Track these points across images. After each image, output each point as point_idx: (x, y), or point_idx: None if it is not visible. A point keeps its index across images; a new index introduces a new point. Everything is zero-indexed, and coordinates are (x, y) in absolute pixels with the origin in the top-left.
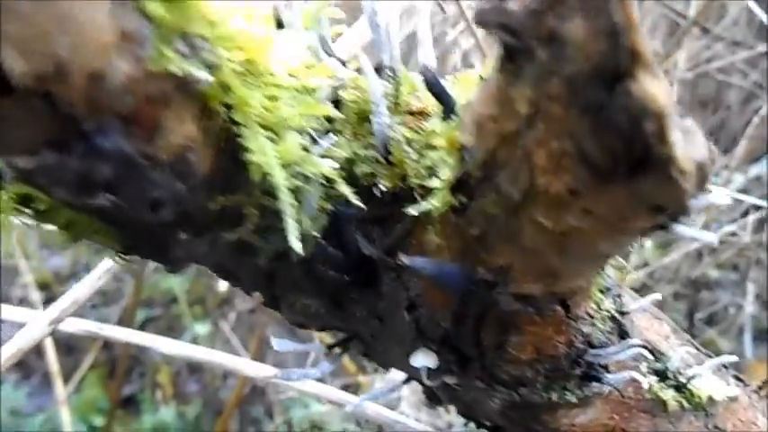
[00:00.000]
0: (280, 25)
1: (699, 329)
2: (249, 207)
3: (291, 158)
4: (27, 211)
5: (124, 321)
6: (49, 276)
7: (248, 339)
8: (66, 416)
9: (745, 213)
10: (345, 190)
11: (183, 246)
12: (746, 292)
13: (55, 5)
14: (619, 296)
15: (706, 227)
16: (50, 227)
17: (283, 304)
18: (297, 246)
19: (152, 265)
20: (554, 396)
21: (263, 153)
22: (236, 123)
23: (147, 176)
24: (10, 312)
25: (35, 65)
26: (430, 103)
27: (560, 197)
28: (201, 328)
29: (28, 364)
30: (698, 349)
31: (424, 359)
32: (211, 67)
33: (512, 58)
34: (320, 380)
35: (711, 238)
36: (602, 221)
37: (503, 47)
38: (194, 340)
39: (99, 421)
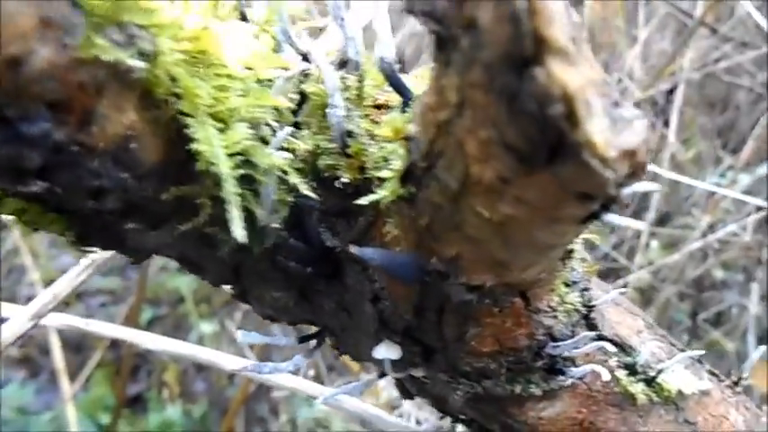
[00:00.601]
0: (243, 18)
1: (703, 330)
2: (203, 198)
3: (243, 148)
4: None
5: (129, 320)
6: (56, 275)
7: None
8: (72, 414)
9: (756, 210)
10: (297, 180)
11: (137, 237)
12: (751, 293)
13: None
14: (586, 290)
15: (712, 227)
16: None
17: (252, 297)
18: (239, 233)
19: (157, 264)
20: (518, 388)
21: (209, 143)
22: (184, 114)
23: (83, 165)
24: None
25: None
26: (395, 97)
27: (493, 185)
28: (208, 327)
29: (35, 363)
30: (673, 345)
31: (386, 351)
32: (149, 56)
33: (441, 47)
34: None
35: (640, 225)
36: (534, 209)
37: (433, 36)
38: (200, 339)
39: (106, 419)
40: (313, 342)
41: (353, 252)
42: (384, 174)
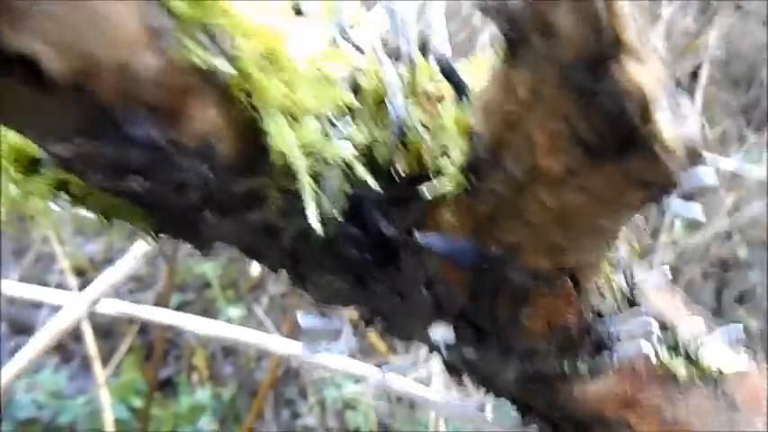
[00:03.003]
0: (299, 13)
1: (728, 308)
2: (271, 189)
3: (310, 142)
4: (64, 196)
5: (159, 306)
6: (84, 262)
7: (281, 322)
8: (106, 398)
9: None
10: (362, 172)
11: (210, 226)
12: None
13: (87, 6)
14: (629, 270)
15: (736, 206)
16: (85, 211)
17: (308, 282)
18: (317, 226)
19: (185, 250)
20: (566, 367)
21: (283, 137)
22: (257, 109)
23: (174, 161)
24: (48, 295)
25: (69, 62)
26: (445, 89)
27: (559, 176)
28: (235, 312)
29: (67, 349)
30: (710, 322)
31: (442, 333)
32: (231, 57)
33: (512, 46)
34: (350, 356)
35: (698, 213)
36: (597, 197)
37: (503, 35)
38: (228, 323)
39: (138, 403)
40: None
41: (417, 239)
42: (444, 164)
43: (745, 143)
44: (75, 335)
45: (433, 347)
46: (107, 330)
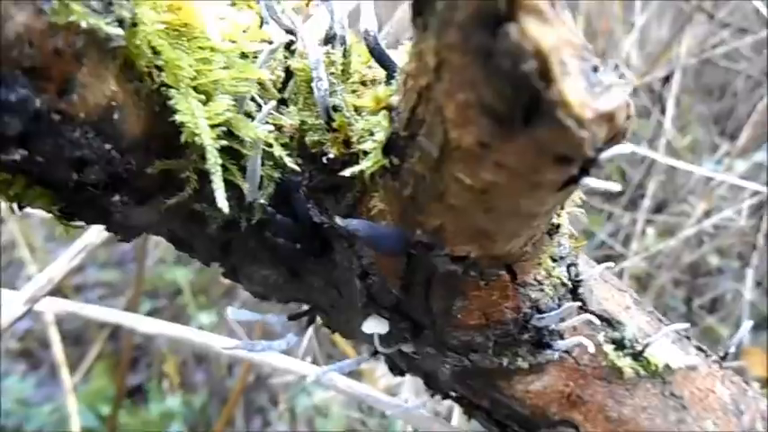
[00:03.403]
0: None
1: (698, 316)
2: (189, 172)
3: (222, 120)
4: None
5: (128, 312)
6: None
7: (252, 328)
8: (73, 405)
9: (750, 196)
10: (282, 153)
11: (123, 212)
12: (746, 279)
13: None
14: (573, 265)
15: (708, 214)
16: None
17: (242, 275)
18: (224, 205)
19: (155, 256)
20: (505, 361)
21: (192, 114)
22: (167, 86)
23: (64, 134)
24: None
25: None
26: (382, 73)
27: (472, 151)
28: (206, 318)
29: (35, 356)
30: (660, 320)
31: (375, 326)
32: (128, 24)
33: (418, 12)
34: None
35: (616, 187)
36: (514, 175)
37: (410, 1)
38: (200, 329)
39: (107, 410)
40: (304, 321)
41: (339, 224)
42: (368, 146)
43: (717, 151)
44: (44, 342)
45: (376, 349)
46: (76, 337)
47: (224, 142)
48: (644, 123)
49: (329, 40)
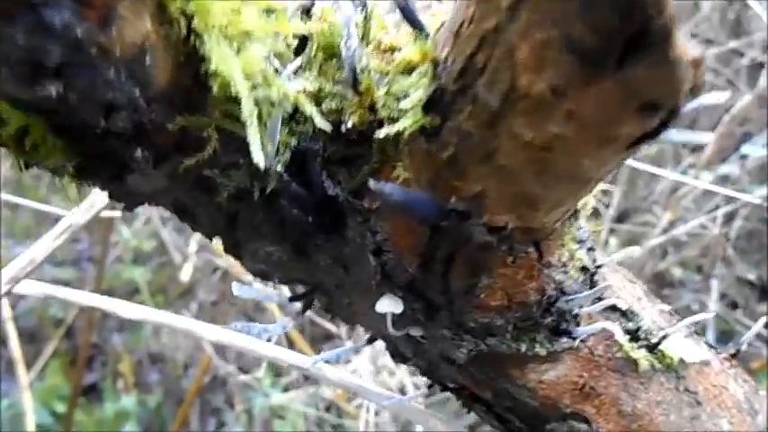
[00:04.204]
0: None
1: None
2: (210, 130)
3: (256, 71)
4: None
5: (85, 310)
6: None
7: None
8: (29, 402)
9: (715, 208)
10: (312, 111)
11: (139, 175)
12: (711, 291)
13: None
14: (592, 249)
15: (673, 224)
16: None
17: (245, 251)
18: (259, 158)
19: (114, 254)
20: (523, 347)
21: (225, 62)
22: (197, 34)
23: (99, 71)
24: None
25: None
26: (401, 40)
27: (543, 98)
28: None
29: None
30: (670, 313)
31: (389, 305)
32: None
33: None
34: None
35: (706, 138)
36: (587, 127)
37: None
38: (156, 329)
39: (61, 408)
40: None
41: (372, 186)
42: (403, 104)
43: (680, 163)
44: (1, 339)
45: (376, 331)
46: (32, 334)
47: (258, 93)
48: None
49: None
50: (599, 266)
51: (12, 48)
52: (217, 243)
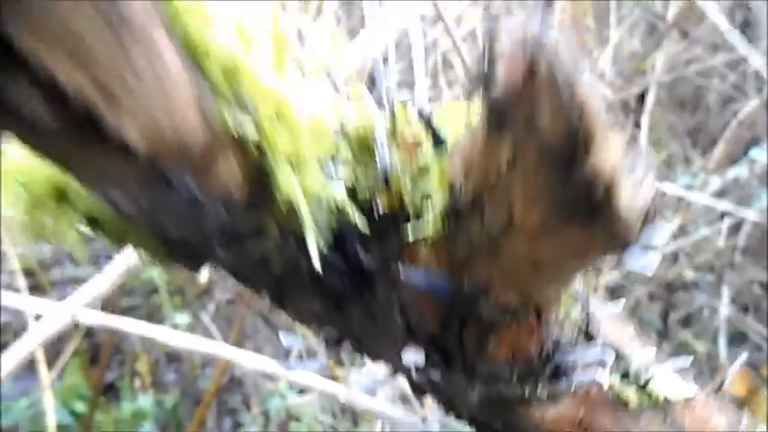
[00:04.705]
0: (300, 69)
1: (674, 331)
2: (272, 226)
3: (313, 190)
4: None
5: (106, 310)
6: (34, 265)
7: (227, 330)
8: (50, 401)
9: (722, 216)
10: (353, 214)
11: (214, 257)
12: (722, 295)
13: (162, 90)
14: (587, 302)
15: (683, 229)
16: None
17: (289, 304)
18: (317, 264)
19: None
20: (526, 392)
21: (290, 185)
22: (265, 158)
23: (203, 207)
24: (34, 305)
25: (151, 142)
26: (422, 134)
27: (531, 233)
28: (181, 318)
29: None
30: (660, 353)
31: (413, 355)
32: (253, 117)
33: (496, 122)
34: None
35: (650, 270)
36: (564, 252)
37: (488, 112)
38: (174, 329)
39: (81, 408)
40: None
41: (399, 273)
42: (425, 208)
43: (691, 165)
44: (20, 336)
45: (398, 369)
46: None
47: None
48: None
49: (378, 102)
50: (590, 317)
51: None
52: (263, 296)
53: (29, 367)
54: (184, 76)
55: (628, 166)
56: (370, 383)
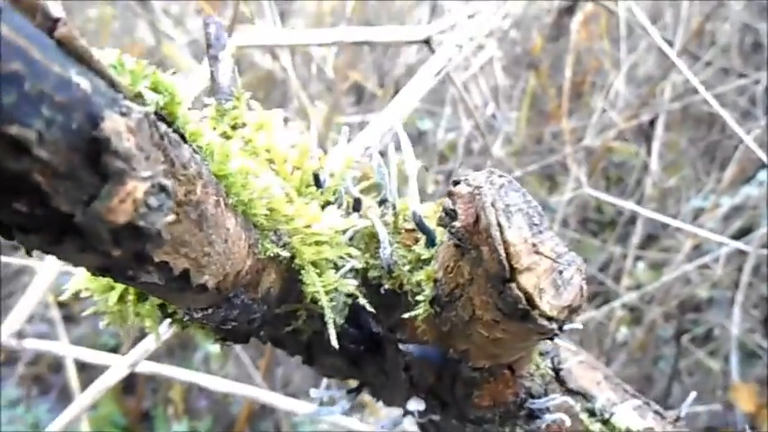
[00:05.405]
0: (317, 181)
1: (687, 350)
2: (301, 310)
3: (331, 286)
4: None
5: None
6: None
7: (257, 358)
8: (85, 430)
9: (735, 236)
10: (363, 301)
11: (256, 336)
12: (733, 315)
13: (227, 249)
14: (556, 356)
15: (697, 247)
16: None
17: (316, 362)
18: (335, 343)
19: None
20: (507, 430)
21: (315, 285)
22: (295, 263)
23: (251, 309)
24: (90, 356)
25: (216, 279)
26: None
27: (489, 322)
28: (213, 346)
29: (46, 381)
30: (625, 391)
31: (415, 404)
32: (288, 245)
33: (459, 249)
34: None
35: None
36: (514, 337)
37: (454, 242)
38: (206, 358)
39: None
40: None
41: (401, 347)
42: (419, 296)
43: (703, 186)
44: (55, 366)
45: (406, 412)
46: (83, 362)
47: (333, 299)
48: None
49: (383, 201)
50: (560, 368)
51: (217, 315)
52: (296, 357)
53: (62, 397)
54: (240, 232)
55: (553, 278)
56: (391, 423)
